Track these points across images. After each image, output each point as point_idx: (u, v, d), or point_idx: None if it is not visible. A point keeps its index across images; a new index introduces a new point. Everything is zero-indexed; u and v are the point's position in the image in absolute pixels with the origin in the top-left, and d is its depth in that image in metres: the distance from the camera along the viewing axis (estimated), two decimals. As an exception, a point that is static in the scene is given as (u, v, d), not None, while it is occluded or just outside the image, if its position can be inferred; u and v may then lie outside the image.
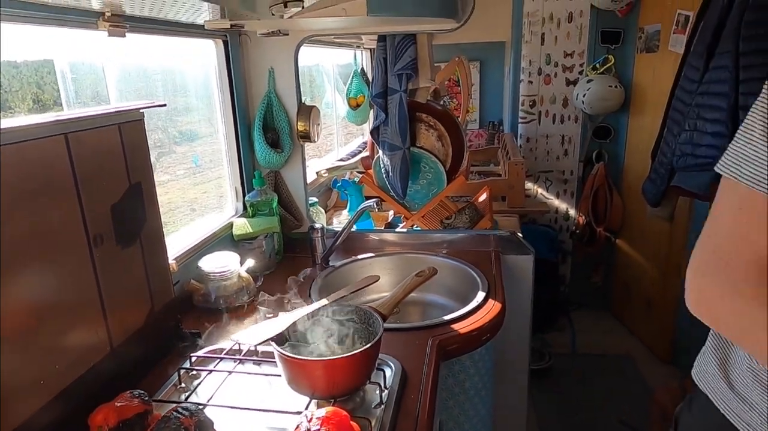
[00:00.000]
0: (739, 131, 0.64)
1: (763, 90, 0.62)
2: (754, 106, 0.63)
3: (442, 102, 2.43)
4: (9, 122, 0.80)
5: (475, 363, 1.37)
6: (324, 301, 1.08)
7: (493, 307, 1.35)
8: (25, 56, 1.16)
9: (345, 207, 2.26)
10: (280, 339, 0.96)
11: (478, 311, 1.34)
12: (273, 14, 1.01)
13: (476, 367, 1.37)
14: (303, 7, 1.00)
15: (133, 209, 1.08)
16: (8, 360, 0.79)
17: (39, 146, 0.85)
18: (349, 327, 1.05)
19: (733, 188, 0.63)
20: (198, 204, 1.74)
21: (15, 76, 1.15)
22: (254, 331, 1.00)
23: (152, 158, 1.17)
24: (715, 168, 0.66)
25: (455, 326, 1.27)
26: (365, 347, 0.92)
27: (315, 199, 2.02)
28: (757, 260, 0.60)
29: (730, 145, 0.65)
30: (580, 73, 3.21)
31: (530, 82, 3.27)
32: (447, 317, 1.30)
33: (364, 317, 1.05)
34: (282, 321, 0.99)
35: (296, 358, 0.91)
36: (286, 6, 0.96)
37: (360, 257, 1.71)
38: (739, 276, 0.62)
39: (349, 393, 0.95)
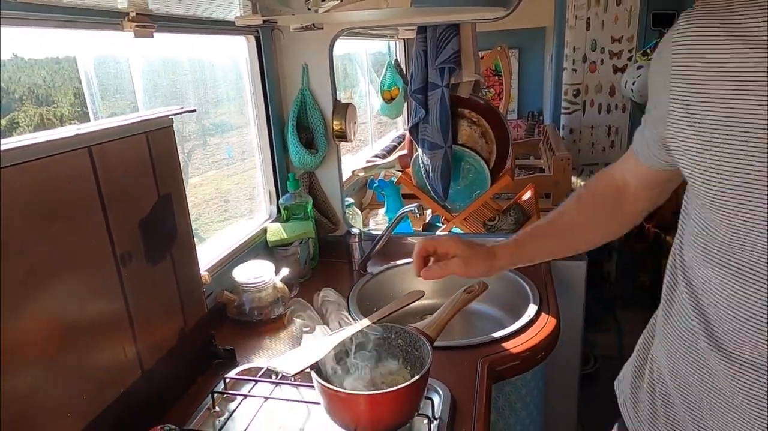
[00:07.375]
0: None
1: None
2: None
3: (482, 91, 2.30)
4: (28, 138, 0.74)
5: (527, 383, 1.27)
6: (366, 321, 0.99)
7: (548, 322, 1.24)
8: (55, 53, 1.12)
9: (381, 207, 2.17)
10: (319, 367, 0.88)
11: (530, 327, 1.23)
12: (309, 9, 0.92)
13: (528, 387, 1.27)
14: (342, 0, 0.90)
15: (163, 223, 1.01)
16: (32, 390, 0.73)
17: (61, 161, 0.78)
18: (394, 350, 0.97)
19: None
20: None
21: (57, 71, 1.14)
22: (292, 357, 0.92)
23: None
24: None
25: (506, 344, 1.17)
26: (412, 380, 0.83)
27: (351, 200, 1.94)
28: None
29: None
30: (629, 59, 3.01)
31: (574, 70, 3.09)
32: (497, 335, 1.20)
33: (410, 340, 0.96)
34: (321, 346, 0.91)
35: (338, 391, 0.83)
36: (323, 0, 0.86)
37: (399, 262, 1.61)
38: None
39: (395, 428, 0.86)
